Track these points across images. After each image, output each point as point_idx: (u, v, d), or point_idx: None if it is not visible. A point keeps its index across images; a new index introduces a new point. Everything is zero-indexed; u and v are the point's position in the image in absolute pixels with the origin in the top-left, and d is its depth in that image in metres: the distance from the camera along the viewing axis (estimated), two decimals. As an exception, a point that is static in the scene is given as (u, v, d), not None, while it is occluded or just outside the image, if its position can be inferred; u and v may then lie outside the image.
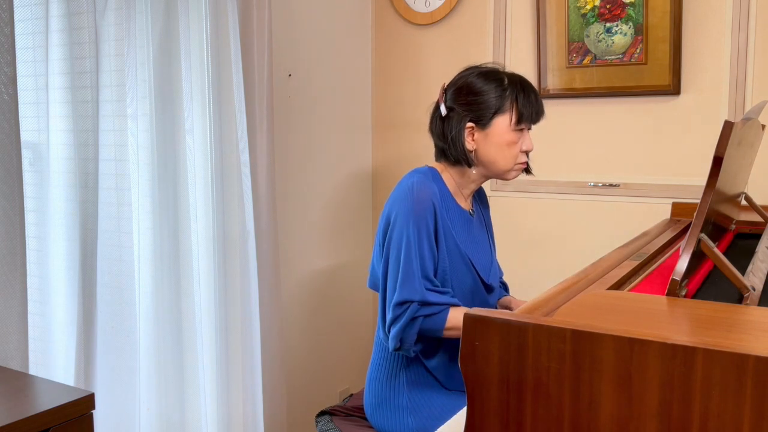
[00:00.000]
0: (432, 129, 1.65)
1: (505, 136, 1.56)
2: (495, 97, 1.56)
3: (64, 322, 1.67)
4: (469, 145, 1.58)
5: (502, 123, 1.56)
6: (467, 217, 1.65)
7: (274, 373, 2.17)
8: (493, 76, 1.58)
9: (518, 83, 1.58)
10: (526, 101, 1.56)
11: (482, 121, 1.56)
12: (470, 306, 1.61)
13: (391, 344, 1.52)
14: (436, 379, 1.60)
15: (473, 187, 1.67)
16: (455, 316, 1.49)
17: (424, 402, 1.59)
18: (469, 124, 1.57)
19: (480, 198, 1.77)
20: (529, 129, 1.61)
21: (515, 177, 1.63)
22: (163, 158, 1.85)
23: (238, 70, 1.97)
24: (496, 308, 1.77)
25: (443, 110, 1.60)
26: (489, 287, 1.66)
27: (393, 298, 1.49)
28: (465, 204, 1.66)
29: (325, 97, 2.55)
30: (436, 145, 1.65)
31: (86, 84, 1.66)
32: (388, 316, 1.51)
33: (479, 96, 1.56)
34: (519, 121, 1.56)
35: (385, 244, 1.54)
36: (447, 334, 1.50)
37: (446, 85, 1.63)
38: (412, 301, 1.47)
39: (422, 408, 1.58)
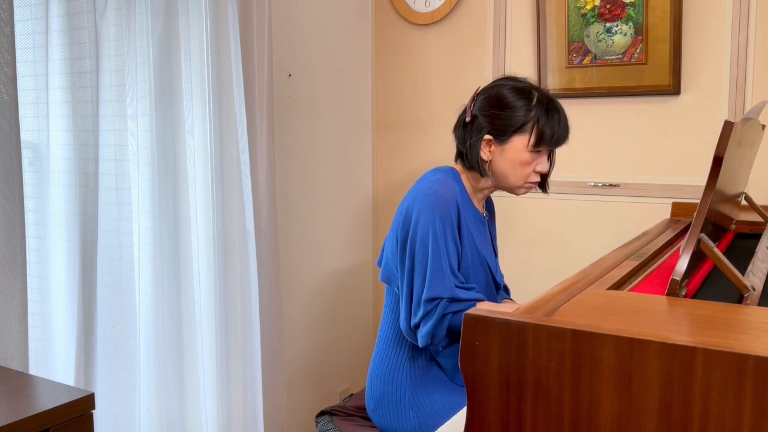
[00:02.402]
0: (455, 132, 1.67)
1: (521, 156, 1.56)
2: (519, 116, 1.55)
3: (64, 322, 1.67)
4: (485, 155, 1.59)
5: (520, 142, 1.56)
6: (481, 218, 1.68)
7: (274, 373, 2.17)
8: (524, 92, 1.58)
9: (545, 104, 1.56)
10: (547, 124, 1.55)
11: (501, 137, 1.57)
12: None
13: (422, 341, 1.51)
14: (443, 370, 1.60)
15: (486, 193, 1.69)
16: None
17: (427, 399, 1.59)
18: (487, 137, 1.58)
19: (488, 208, 1.78)
20: (551, 151, 1.61)
21: (524, 193, 1.65)
22: (163, 158, 1.85)
23: (238, 70, 1.97)
24: None
25: (467, 116, 1.61)
26: (498, 285, 1.70)
27: (423, 294, 1.49)
28: (479, 206, 1.69)
29: (325, 97, 2.56)
30: (456, 147, 1.67)
31: (86, 84, 1.66)
32: (419, 313, 1.51)
33: (505, 111, 1.56)
34: (537, 144, 1.56)
35: (409, 239, 1.54)
36: None
37: (479, 90, 1.63)
38: (441, 298, 1.48)
39: (424, 405, 1.58)
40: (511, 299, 1.85)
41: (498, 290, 1.70)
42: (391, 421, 1.60)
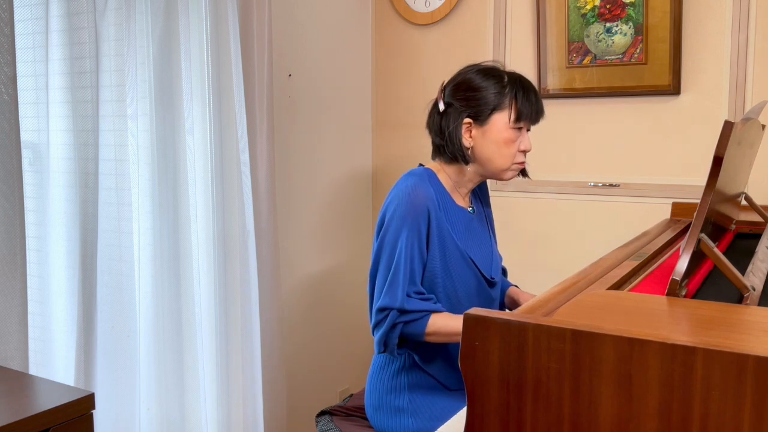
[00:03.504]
0: (429, 125, 1.64)
1: (503, 134, 1.55)
2: (494, 94, 1.54)
3: (64, 322, 1.67)
4: (467, 141, 1.57)
5: (501, 120, 1.55)
6: (466, 214, 1.64)
7: (274, 373, 2.17)
8: (492, 73, 1.58)
9: (518, 81, 1.57)
10: (525, 99, 1.55)
11: (480, 118, 1.55)
12: (474, 304, 1.62)
13: (375, 347, 1.54)
14: (437, 380, 1.60)
15: (470, 185, 1.65)
16: (435, 322, 1.50)
17: (425, 404, 1.59)
18: (467, 120, 1.56)
19: (481, 193, 1.75)
20: (528, 130, 1.61)
21: (511, 177, 1.62)
22: (163, 158, 1.85)
23: (238, 70, 1.97)
24: (501, 300, 1.78)
25: (441, 105, 1.59)
26: (491, 282, 1.66)
27: (376, 303, 1.51)
28: (463, 202, 1.65)
29: (325, 97, 2.56)
30: (433, 143, 1.64)
31: (86, 84, 1.66)
32: (372, 321, 1.53)
33: (478, 92, 1.55)
34: (518, 119, 1.55)
35: (377, 247, 1.55)
36: (429, 339, 1.51)
37: (445, 82, 1.63)
38: (392, 308, 1.49)
39: (423, 410, 1.58)
40: (515, 285, 1.83)
41: (492, 285, 1.66)
42: (390, 425, 1.60)
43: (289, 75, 2.38)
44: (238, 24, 1.97)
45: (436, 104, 1.62)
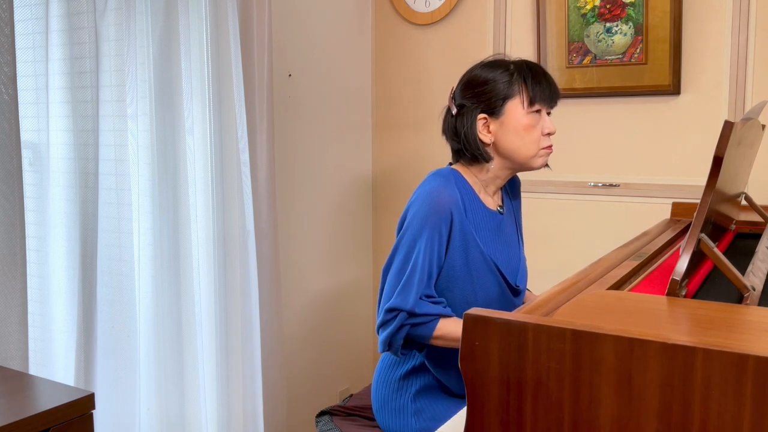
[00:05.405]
0: (445, 131, 1.61)
1: (522, 121, 1.50)
2: (503, 83, 1.51)
3: (64, 322, 1.67)
4: (486, 138, 1.53)
5: (515, 107, 1.51)
6: (495, 217, 1.59)
7: (274, 373, 2.17)
8: (497, 64, 1.55)
9: (525, 65, 1.53)
10: (535, 82, 1.51)
11: (494, 110, 1.51)
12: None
13: (379, 346, 1.52)
14: (445, 385, 1.59)
15: (499, 182, 1.60)
16: (443, 327, 1.48)
17: (429, 404, 1.58)
18: (482, 116, 1.52)
19: (511, 188, 1.70)
20: (548, 113, 1.56)
21: (542, 164, 1.56)
22: (163, 158, 1.85)
23: (238, 70, 1.97)
24: None
25: (453, 109, 1.57)
26: (515, 290, 1.61)
27: (386, 303, 1.49)
28: (492, 202, 1.61)
29: (325, 97, 2.56)
30: (451, 148, 1.61)
31: (86, 84, 1.66)
32: (378, 319, 1.51)
33: (486, 85, 1.52)
34: (532, 103, 1.50)
35: (396, 244, 1.52)
36: (435, 342, 1.49)
37: (453, 87, 1.61)
38: (402, 310, 1.46)
39: (427, 410, 1.58)
40: (527, 289, 1.78)
41: (516, 294, 1.61)
42: (394, 424, 1.60)
43: (289, 75, 2.38)
44: (238, 24, 1.97)
45: (449, 110, 1.60)
